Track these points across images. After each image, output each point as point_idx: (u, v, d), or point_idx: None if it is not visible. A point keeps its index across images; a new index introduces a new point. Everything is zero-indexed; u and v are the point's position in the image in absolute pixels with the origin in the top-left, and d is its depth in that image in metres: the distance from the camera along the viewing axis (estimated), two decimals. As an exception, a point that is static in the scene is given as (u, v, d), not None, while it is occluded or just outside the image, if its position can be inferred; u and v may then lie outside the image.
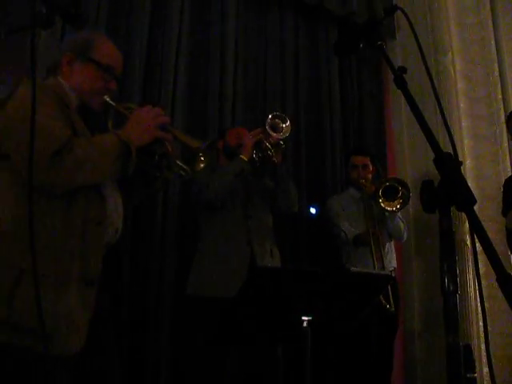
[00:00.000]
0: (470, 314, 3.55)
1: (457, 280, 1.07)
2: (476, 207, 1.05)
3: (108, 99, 1.76)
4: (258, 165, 2.82)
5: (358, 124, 4.26)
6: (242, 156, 2.72)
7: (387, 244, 3.32)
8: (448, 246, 1.07)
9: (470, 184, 3.81)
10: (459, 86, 4.16)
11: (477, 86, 4.21)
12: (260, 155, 2.78)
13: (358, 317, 1.98)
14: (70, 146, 1.51)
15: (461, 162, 1.22)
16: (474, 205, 1.04)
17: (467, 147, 4.05)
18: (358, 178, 3.40)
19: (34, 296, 1.21)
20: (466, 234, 3.58)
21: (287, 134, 2.76)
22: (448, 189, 1.04)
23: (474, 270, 3.55)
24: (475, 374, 1.58)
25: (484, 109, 4.14)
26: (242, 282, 1.76)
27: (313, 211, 3.19)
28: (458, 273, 1.09)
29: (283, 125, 2.76)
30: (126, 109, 1.81)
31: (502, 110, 4.12)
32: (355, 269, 2.93)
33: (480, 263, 1.28)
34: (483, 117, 4.13)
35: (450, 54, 4.13)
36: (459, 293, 1.06)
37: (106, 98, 1.76)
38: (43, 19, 1.24)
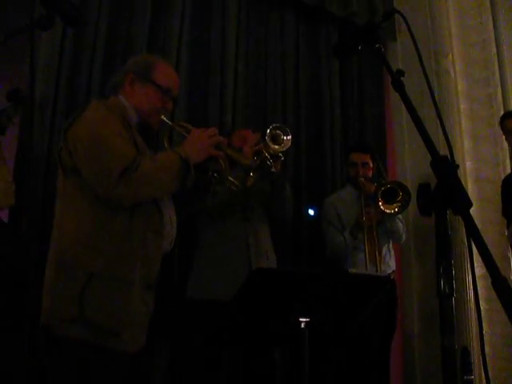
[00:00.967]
0: (467, 317, 3.54)
1: (453, 282, 1.07)
2: (476, 209, 1.05)
3: (165, 118, 1.91)
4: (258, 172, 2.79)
5: (358, 125, 4.26)
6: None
7: (386, 246, 3.27)
8: (444, 249, 1.08)
9: (470, 186, 3.83)
10: (459, 87, 4.16)
11: (477, 87, 4.21)
12: (259, 162, 2.77)
13: (357, 319, 1.98)
14: (137, 163, 1.64)
15: (457, 165, 1.22)
16: (470, 208, 1.04)
17: (467, 149, 4.05)
18: (357, 177, 3.29)
19: (103, 296, 1.42)
20: (462, 236, 3.57)
21: (287, 147, 2.70)
22: (444, 192, 1.05)
23: (471, 272, 3.54)
24: (472, 377, 1.59)
25: (484, 110, 4.14)
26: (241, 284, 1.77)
27: (311, 213, 3.18)
28: (454, 275, 1.09)
29: (284, 137, 2.70)
30: (181, 127, 1.97)
31: (502, 111, 4.11)
32: (354, 270, 2.93)
33: (477, 266, 1.29)
34: (483, 118, 4.12)
35: (450, 56, 4.13)
36: (455, 295, 1.07)
37: (163, 118, 1.90)
38: (43, 21, 1.25)
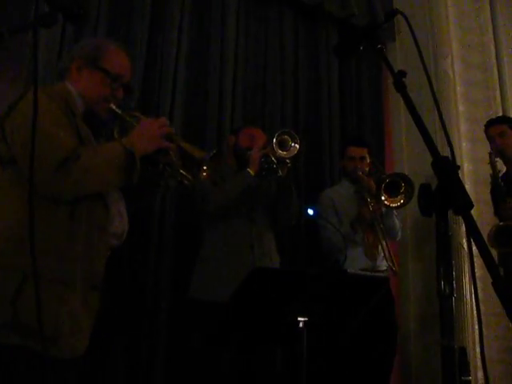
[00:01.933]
0: (466, 318, 3.56)
1: (453, 283, 1.07)
2: (474, 211, 1.05)
3: (114, 107, 1.78)
4: (264, 174, 2.77)
5: (356, 125, 4.26)
6: (249, 170, 2.67)
7: (383, 241, 3.19)
8: (444, 249, 1.08)
9: (468, 187, 3.83)
10: (458, 89, 4.17)
11: (476, 89, 4.22)
12: (266, 167, 2.74)
13: (356, 318, 1.98)
14: (77, 154, 1.53)
15: (458, 166, 1.22)
16: (471, 209, 1.05)
17: (465, 150, 4.06)
18: (355, 171, 3.24)
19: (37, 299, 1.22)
20: (463, 237, 3.58)
21: (293, 154, 2.69)
22: (445, 192, 1.05)
23: (471, 273, 3.55)
24: (470, 377, 1.59)
25: (482, 112, 4.15)
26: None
27: (310, 212, 3.17)
28: (454, 276, 1.10)
29: (292, 143, 2.70)
30: (132, 117, 1.83)
31: (500, 113, 4.12)
32: (352, 270, 2.92)
33: (476, 266, 1.29)
34: (482, 120, 4.13)
35: (449, 58, 4.14)
36: (455, 296, 1.07)
37: (112, 106, 1.78)
38: (46, 18, 1.25)
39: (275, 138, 2.68)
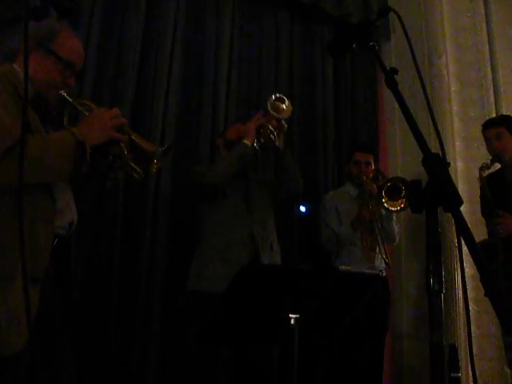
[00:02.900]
0: (457, 315, 3.57)
1: (442, 280, 1.07)
2: (466, 210, 1.06)
3: (65, 94, 1.73)
4: (262, 143, 2.80)
5: (351, 124, 4.27)
6: (244, 141, 2.72)
7: (381, 243, 3.27)
8: (434, 246, 1.08)
9: (461, 186, 3.84)
10: (452, 88, 4.18)
11: (470, 88, 4.23)
12: (262, 141, 2.79)
13: (348, 316, 1.99)
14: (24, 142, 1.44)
15: (449, 163, 1.23)
16: (461, 206, 1.05)
17: (458, 149, 4.07)
18: (360, 175, 3.36)
19: None
20: (452, 237, 3.59)
21: (289, 113, 2.78)
22: (435, 189, 1.05)
23: (460, 270, 3.57)
24: (460, 374, 1.60)
25: (476, 112, 4.16)
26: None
27: (303, 209, 3.19)
28: (443, 273, 1.10)
29: (283, 106, 2.77)
30: (83, 106, 1.79)
31: (494, 112, 4.13)
32: (344, 267, 2.93)
33: (469, 266, 1.30)
34: (475, 120, 4.14)
35: (443, 57, 4.15)
36: (444, 292, 1.07)
37: (62, 93, 1.72)
38: (37, 11, 1.24)
39: (269, 106, 2.74)
